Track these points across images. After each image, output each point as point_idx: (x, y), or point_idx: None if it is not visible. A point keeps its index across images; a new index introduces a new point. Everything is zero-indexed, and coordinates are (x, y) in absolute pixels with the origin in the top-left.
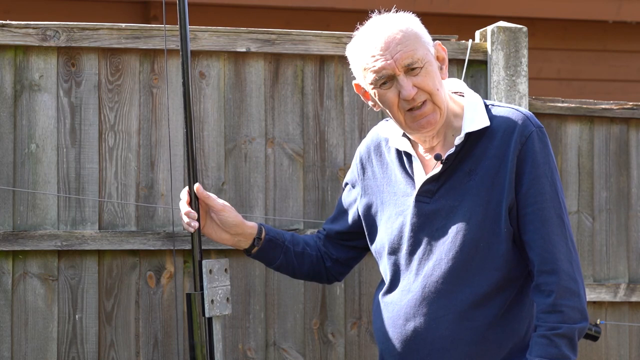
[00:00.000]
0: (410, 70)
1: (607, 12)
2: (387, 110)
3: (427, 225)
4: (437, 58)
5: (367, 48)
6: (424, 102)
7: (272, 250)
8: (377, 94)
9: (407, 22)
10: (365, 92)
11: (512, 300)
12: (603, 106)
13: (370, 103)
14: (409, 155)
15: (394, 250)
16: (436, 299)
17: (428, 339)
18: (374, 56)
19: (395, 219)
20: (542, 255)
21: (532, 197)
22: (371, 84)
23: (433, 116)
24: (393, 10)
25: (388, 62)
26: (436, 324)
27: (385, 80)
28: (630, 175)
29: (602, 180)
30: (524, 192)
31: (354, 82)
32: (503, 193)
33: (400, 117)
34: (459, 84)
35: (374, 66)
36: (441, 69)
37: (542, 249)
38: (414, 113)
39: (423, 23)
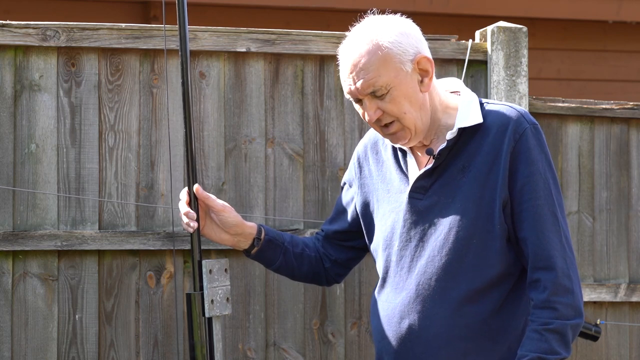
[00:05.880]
0: (375, 95)
1: (607, 12)
2: None
3: (420, 221)
4: (420, 71)
5: (341, 67)
6: (391, 122)
7: (271, 251)
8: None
9: (377, 40)
10: None
11: (508, 296)
12: (603, 106)
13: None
14: (404, 152)
15: (387, 247)
16: (430, 296)
17: (423, 336)
18: (343, 78)
19: (388, 215)
20: (536, 252)
21: (526, 194)
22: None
23: (402, 134)
24: (377, 13)
25: (352, 88)
26: (430, 321)
27: (355, 99)
28: (631, 175)
29: (602, 180)
30: (518, 189)
31: None
32: (496, 190)
33: (376, 129)
34: (456, 83)
35: (344, 87)
36: (422, 82)
37: (536, 246)
38: (383, 130)
39: (423, 23)
